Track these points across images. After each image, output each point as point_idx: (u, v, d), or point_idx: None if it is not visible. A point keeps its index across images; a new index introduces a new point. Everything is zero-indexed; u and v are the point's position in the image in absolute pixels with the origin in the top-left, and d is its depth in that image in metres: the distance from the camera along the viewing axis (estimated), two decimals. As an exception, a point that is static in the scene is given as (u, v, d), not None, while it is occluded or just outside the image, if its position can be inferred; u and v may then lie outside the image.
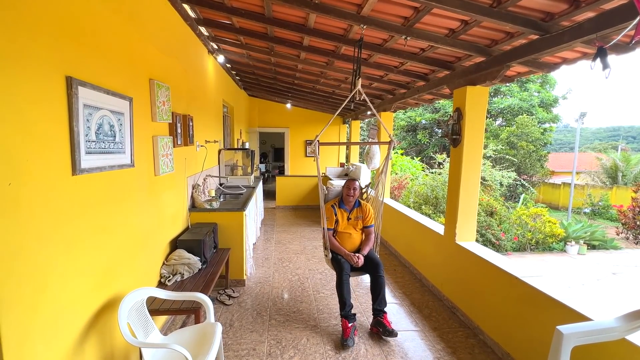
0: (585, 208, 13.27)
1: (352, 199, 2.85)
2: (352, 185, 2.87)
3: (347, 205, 2.89)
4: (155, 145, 2.30)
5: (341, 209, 2.88)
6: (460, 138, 2.90)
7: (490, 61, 2.56)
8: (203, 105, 3.80)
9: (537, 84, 14.83)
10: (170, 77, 2.64)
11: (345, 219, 2.86)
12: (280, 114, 8.53)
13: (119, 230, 1.83)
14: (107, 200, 1.71)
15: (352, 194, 2.84)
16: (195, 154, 3.38)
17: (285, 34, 3.35)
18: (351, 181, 2.90)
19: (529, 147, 10.71)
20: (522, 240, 5.97)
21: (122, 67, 1.84)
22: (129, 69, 1.93)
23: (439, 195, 6.51)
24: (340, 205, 2.89)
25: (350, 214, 2.88)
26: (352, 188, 2.85)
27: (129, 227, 1.95)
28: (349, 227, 2.86)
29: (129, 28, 1.93)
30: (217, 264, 2.84)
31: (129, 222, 1.95)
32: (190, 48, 3.26)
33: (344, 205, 2.90)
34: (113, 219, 1.77)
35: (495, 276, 2.42)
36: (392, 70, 3.63)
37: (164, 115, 2.41)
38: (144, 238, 2.16)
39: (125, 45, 1.89)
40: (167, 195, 2.58)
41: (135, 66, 2.02)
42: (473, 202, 2.93)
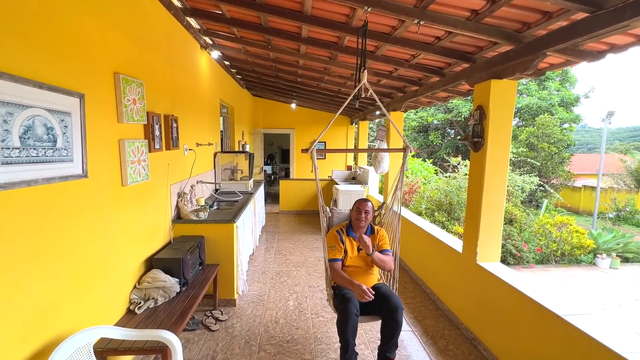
0: (609, 213, 12.48)
1: (363, 224, 2.24)
2: (364, 207, 2.24)
3: (357, 233, 2.27)
4: (122, 151, 1.97)
5: (350, 237, 2.29)
6: (482, 141, 2.47)
7: (520, 49, 2.13)
8: (194, 105, 3.47)
9: (556, 82, 14.09)
10: (147, 72, 2.31)
11: (354, 249, 2.26)
12: (285, 115, 8.20)
13: (64, 255, 1.49)
14: (44, 221, 1.37)
15: (364, 218, 2.23)
16: (182, 158, 3.05)
17: (281, 23, 2.99)
18: (362, 202, 2.28)
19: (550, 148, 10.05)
20: (545, 251, 5.46)
21: (68, 56, 1.51)
22: (81, 59, 1.59)
23: (453, 201, 6.04)
24: (348, 233, 2.30)
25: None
26: (364, 211, 2.24)
27: (81, 250, 1.61)
28: (359, 260, 2.25)
29: (82, 9, 1.59)
30: (200, 285, 2.50)
31: (81, 244, 1.61)
32: (176, 41, 2.94)
33: (352, 233, 2.30)
34: (54, 243, 1.43)
35: (529, 310, 1.98)
36: (403, 65, 3.22)
37: (134, 115, 2.08)
38: (105, 261, 1.82)
39: (76, 30, 1.55)
40: (141, 207, 2.24)
41: (92, 56, 1.68)
42: (497, 216, 2.50)
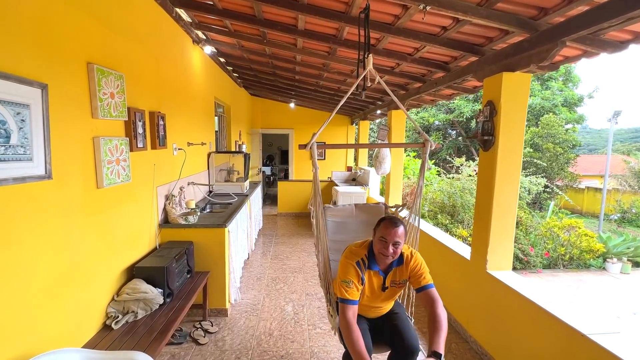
0: (613, 215, 12.27)
1: (390, 258, 1.57)
2: (393, 237, 1.52)
3: (381, 265, 1.62)
4: (97, 149, 1.78)
5: (372, 272, 1.62)
6: (493, 139, 2.28)
7: (536, 38, 1.95)
8: (185, 102, 3.29)
9: (559, 82, 13.91)
10: (128, 64, 2.13)
11: (378, 287, 1.65)
12: (283, 114, 8.01)
13: (23, 269, 1.30)
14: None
15: (392, 253, 1.54)
16: (170, 159, 2.86)
17: (276, 14, 2.81)
18: (390, 227, 1.53)
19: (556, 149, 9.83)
20: (553, 255, 5.26)
21: (28, 41, 1.32)
22: (44, 45, 1.41)
23: (456, 203, 5.85)
24: (370, 265, 1.61)
25: (387, 279, 1.64)
26: (392, 243, 1.52)
27: (44, 262, 1.42)
28: (380, 298, 1.68)
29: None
30: (187, 295, 2.30)
31: (44, 255, 1.42)
32: (165, 34, 2.75)
33: (375, 265, 1.62)
34: (8, 255, 1.24)
35: (548, 326, 1.79)
36: (405, 59, 3.03)
37: (112, 110, 1.89)
38: (75, 272, 1.63)
39: (39, 12, 1.36)
40: (120, 211, 2.05)
41: (60, 42, 1.50)
42: (509, 221, 2.31)
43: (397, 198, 4.73)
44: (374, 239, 1.61)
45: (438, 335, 1.40)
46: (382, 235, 1.55)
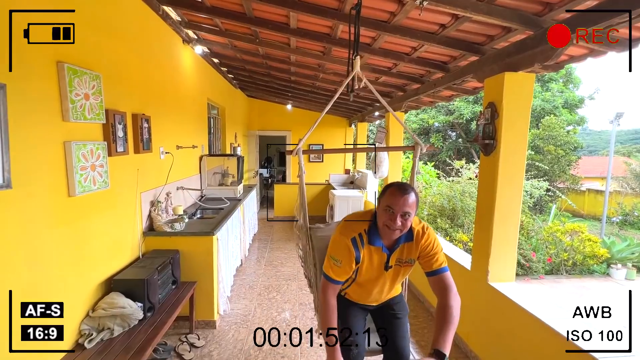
0: (615, 217, 12.13)
1: (397, 232, 1.27)
2: (402, 207, 1.22)
3: (386, 240, 1.34)
4: (68, 155, 1.65)
5: (373, 247, 1.34)
6: (494, 143, 2.15)
7: (541, 36, 1.82)
8: (174, 104, 3.16)
9: (560, 84, 13.80)
10: (107, 64, 2.00)
11: (379, 265, 1.37)
12: (280, 116, 7.89)
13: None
14: None
15: (400, 225, 1.24)
16: (156, 163, 2.73)
17: (267, 12, 2.69)
18: (398, 193, 1.24)
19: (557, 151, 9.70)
20: (555, 260, 5.12)
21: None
22: (3, 40, 1.28)
23: (456, 206, 5.72)
24: (371, 241, 1.33)
25: (392, 257, 1.36)
26: (400, 213, 1.23)
27: (5, 279, 1.29)
28: (382, 279, 1.41)
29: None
30: (171, 308, 2.17)
31: (4, 270, 1.29)
32: (150, 33, 2.63)
33: (378, 240, 1.33)
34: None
35: (553, 344, 1.66)
36: (403, 59, 2.91)
37: (87, 113, 1.76)
38: (41, 288, 1.49)
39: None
40: (97, 220, 1.92)
41: (21, 38, 1.37)
42: (512, 230, 2.17)
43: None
44: (378, 210, 1.31)
45: (446, 331, 1.14)
46: (388, 204, 1.24)
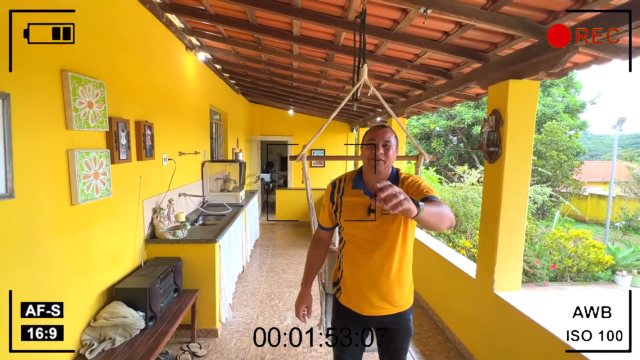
0: (618, 222, 12.04)
1: (382, 166, 1.29)
2: (381, 137, 1.28)
3: (369, 184, 1.34)
4: (71, 163, 1.64)
5: (355, 190, 1.36)
6: (499, 150, 2.14)
7: (545, 44, 1.81)
8: (177, 110, 3.17)
9: (561, 88, 13.81)
10: (110, 72, 2.00)
11: (362, 211, 1.32)
12: (282, 121, 7.91)
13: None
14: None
15: (383, 155, 1.28)
16: (159, 170, 2.72)
17: (270, 19, 2.70)
18: (378, 130, 1.31)
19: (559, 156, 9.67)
20: (559, 267, 5.07)
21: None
22: (5, 51, 1.28)
23: (459, 212, 5.68)
24: (355, 184, 1.37)
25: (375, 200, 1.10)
26: (382, 143, 1.28)
27: (2, 290, 1.27)
28: (367, 229, 1.31)
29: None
30: (173, 317, 2.15)
31: (6, 282, 1.27)
32: (154, 40, 2.64)
33: (361, 184, 1.36)
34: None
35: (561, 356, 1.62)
36: (405, 65, 2.91)
37: (90, 121, 1.76)
38: (43, 298, 1.48)
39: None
40: (99, 228, 1.91)
41: (25, 47, 1.37)
42: (518, 238, 2.15)
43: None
44: (362, 151, 1.36)
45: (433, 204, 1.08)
46: (370, 138, 1.30)
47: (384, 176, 1.33)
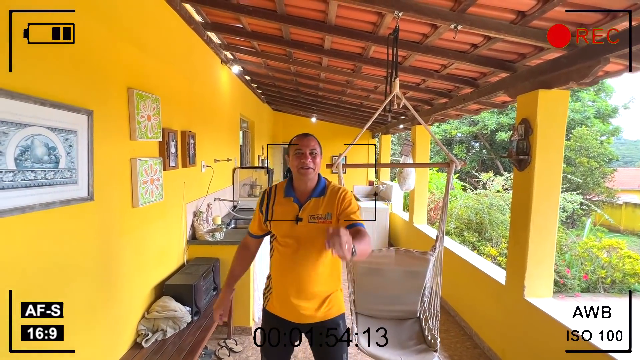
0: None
1: (312, 173, 1.37)
2: (307, 145, 1.36)
3: (298, 190, 1.42)
4: (134, 170, 1.84)
5: (284, 199, 1.42)
6: (528, 159, 2.18)
7: (575, 55, 1.87)
8: (213, 120, 3.39)
9: (591, 93, 13.31)
10: (163, 87, 2.22)
11: (291, 217, 1.37)
12: (304, 129, 8.03)
13: (62, 287, 1.34)
14: (38, 252, 1.23)
15: (310, 163, 1.35)
16: (199, 175, 2.93)
17: (303, 35, 2.87)
18: (304, 136, 1.40)
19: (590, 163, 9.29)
20: (592, 278, 4.90)
21: (76, 70, 1.40)
22: (90, 73, 1.49)
23: (484, 220, 5.62)
24: (286, 193, 1.42)
25: (303, 209, 1.37)
26: (309, 151, 1.36)
27: (82, 280, 1.46)
28: (295, 234, 1.37)
29: (91, 20, 1.50)
30: (213, 314, 2.30)
31: (82, 274, 1.46)
32: (196, 56, 2.87)
33: (291, 192, 1.42)
34: (49, 276, 1.28)
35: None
36: (432, 75, 3.00)
37: (148, 132, 1.96)
38: (111, 290, 1.67)
39: (87, 44, 1.45)
40: (153, 229, 2.11)
41: (103, 70, 1.58)
42: (549, 245, 2.17)
43: (422, 214, 4.61)
44: (290, 161, 1.40)
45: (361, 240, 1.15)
46: (297, 148, 1.37)
47: (312, 182, 1.41)
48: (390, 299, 1.90)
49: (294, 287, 1.37)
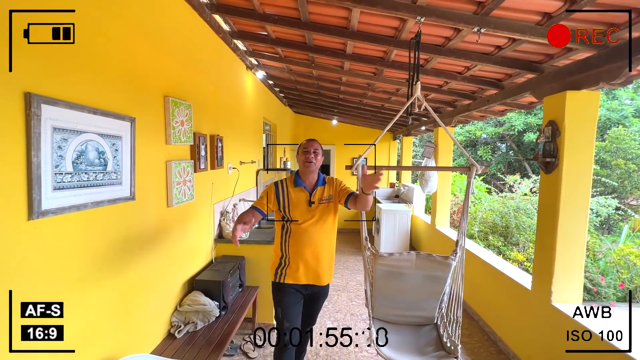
0: None
1: (314, 167, 1.85)
2: (312, 146, 1.87)
3: (307, 182, 1.89)
4: (168, 172, 1.98)
5: (297, 188, 1.87)
6: (556, 161, 2.13)
7: (605, 55, 1.82)
8: (238, 124, 3.53)
9: (629, 91, 12.52)
10: (194, 94, 2.36)
11: (305, 202, 1.84)
12: (325, 131, 8.17)
13: (108, 279, 1.48)
14: (88, 247, 1.37)
15: (313, 158, 1.84)
16: (225, 177, 3.07)
17: (326, 41, 2.94)
18: (309, 140, 1.91)
19: (628, 165, 8.73)
20: (629, 286, 4.63)
21: (122, 82, 1.54)
22: (133, 84, 1.63)
23: (510, 224, 5.45)
24: (295, 183, 1.87)
25: (313, 195, 1.85)
26: (312, 150, 1.86)
27: (125, 273, 1.60)
28: (309, 215, 1.83)
29: (135, 36, 1.64)
30: (240, 309, 2.42)
31: (125, 267, 1.60)
32: (223, 63, 3.01)
33: (300, 182, 1.88)
34: (97, 268, 1.42)
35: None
36: (455, 77, 2.98)
37: (182, 136, 2.10)
38: (148, 283, 1.81)
39: (128, 56, 1.59)
40: (184, 227, 2.24)
41: (144, 81, 1.73)
42: (578, 250, 2.11)
43: (445, 217, 4.55)
44: (298, 159, 1.91)
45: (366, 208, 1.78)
46: (304, 148, 1.88)
47: (314, 175, 1.90)
48: (409, 304, 1.92)
49: (312, 255, 1.83)
